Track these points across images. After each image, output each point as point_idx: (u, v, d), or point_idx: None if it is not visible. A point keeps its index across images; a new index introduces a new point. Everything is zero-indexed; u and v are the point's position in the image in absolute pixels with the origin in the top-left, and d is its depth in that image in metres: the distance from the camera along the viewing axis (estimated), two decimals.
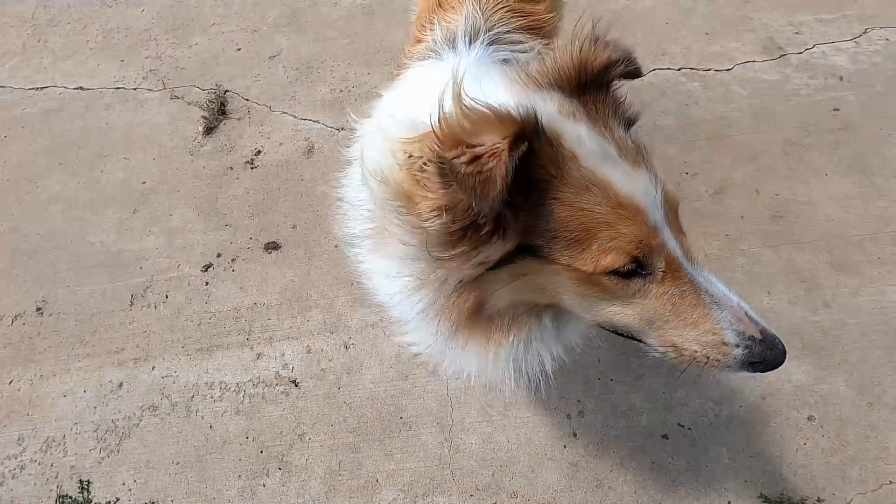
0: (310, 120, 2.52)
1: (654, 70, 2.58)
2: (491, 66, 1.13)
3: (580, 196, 0.87)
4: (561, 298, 0.99)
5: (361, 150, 1.08)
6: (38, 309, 2.06)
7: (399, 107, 1.06)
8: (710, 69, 2.57)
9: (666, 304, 0.93)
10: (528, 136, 0.82)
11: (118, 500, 1.70)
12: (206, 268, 2.13)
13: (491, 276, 0.93)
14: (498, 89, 1.00)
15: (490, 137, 0.79)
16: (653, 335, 0.98)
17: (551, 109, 0.94)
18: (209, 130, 2.51)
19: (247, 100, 2.61)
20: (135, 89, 2.69)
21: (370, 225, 1.14)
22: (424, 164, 0.85)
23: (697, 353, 0.95)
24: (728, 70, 2.56)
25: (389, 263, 1.06)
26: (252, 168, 2.39)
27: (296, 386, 1.86)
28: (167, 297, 2.07)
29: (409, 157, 0.90)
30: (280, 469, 1.71)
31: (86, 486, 1.72)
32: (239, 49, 2.81)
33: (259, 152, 2.43)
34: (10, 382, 1.91)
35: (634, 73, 1.03)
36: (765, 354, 0.95)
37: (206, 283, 2.09)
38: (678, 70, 2.58)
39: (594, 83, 0.98)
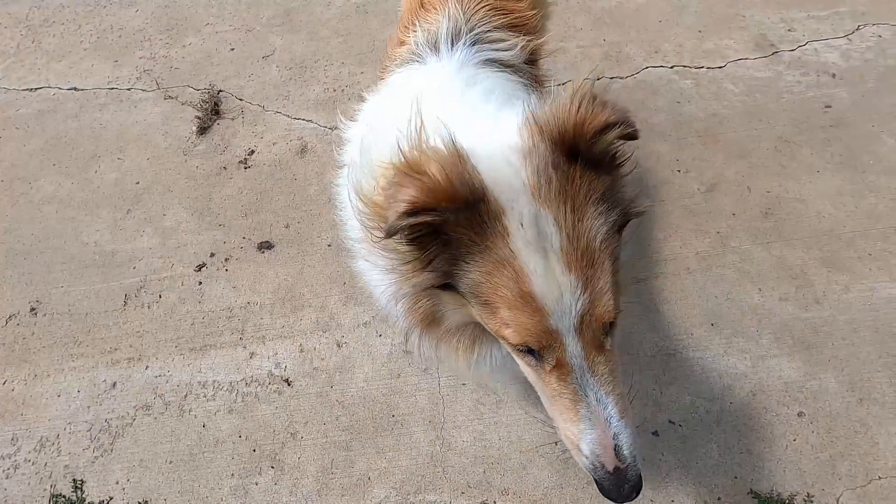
0: (303, 119, 2.53)
1: (646, 68, 2.58)
2: (473, 66, 1.14)
3: (495, 269, 0.88)
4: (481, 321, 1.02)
5: (351, 165, 1.11)
6: (32, 309, 2.07)
7: (382, 123, 1.07)
8: (702, 67, 2.58)
9: (548, 390, 0.99)
10: (441, 208, 0.84)
11: (111, 498, 1.71)
12: (200, 267, 2.13)
13: (442, 297, 0.99)
14: (511, 126, 0.96)
15: (410, 190, 0.83)
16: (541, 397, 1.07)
17: (518, 178, 0.89)
18: (203, 130, 2.51)
19: (240, 99, 2.61)
20: (129, 89, 2.69)
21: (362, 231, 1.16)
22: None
23: (562, 437, 1.02)
24: (720, 68, 2.57)
25: (375, 271, 1.11)
26: (245, 168, 2.39)
27: (288, 385, 1.86)
28: (160, 296, 2.07)
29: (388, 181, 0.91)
30: (273, 467, 1.72)
31: (79, 486, 1.73)
32: (233, 49, 2.82)
33: (252, 152, 2.44)
34: (4, 382, 1.92)
35: (630, 137, 0.95)
36: (604, 484, 0.98)
37: (200, 283, 2.10)
38: (671, 68, 2.58)
39: (590, 156, 0.91)
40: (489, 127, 0.99)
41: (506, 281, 0.88)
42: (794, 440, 1.68)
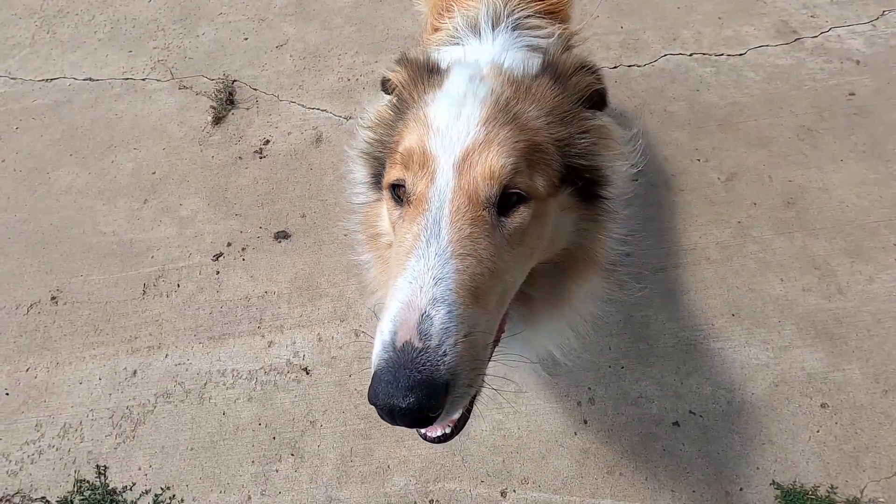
0: (318, 109, 2.52)
1: (664, 56, 2.54)
2: (516, 50, 1.14)
3: (415, 116, 0.91)
4: (392, 233, 0.97)
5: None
6: (53, 298, 2.09)
7: None
8: (722, 54, 2.53)
9: (395, 241, 0.80)
10: (410, 68, 1.00)
11: (134, 484, 1.73)
12: (217, 257, 2.14)
13: (382, 205, 0.99)
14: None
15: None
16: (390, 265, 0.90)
17: (478, 66, 1.00)
18: (218, 120, 2.51)
19: (255, 89, 2.61)
20: (143, 80, 2.69)
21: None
22: None
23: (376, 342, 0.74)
24: (741, 55, 2.52)
25: (359, 188, 1.17)
26: (261, 157, 2.39)
27: (307, 373, 1.87)
28: (179, 285, 2.08)
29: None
30: (293, 455, 1.73)
31: (103, 471, 1.75)
32: (246, 38, 2.81)
33: (267, 142, 2.43)
34: (28, 370, 1.94)
35: (601, 97, 1.01)
36: (380, 370, 0.66)
37: (217, 272, 2.10)
38: (690, 55, 2.54)
39: (559, 74, 0.96)
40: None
41: (416, 117, 0.89)
42: (818, 431, 1.66)
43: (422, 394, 0.64)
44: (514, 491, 1.64)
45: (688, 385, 1.76)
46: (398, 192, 0.87)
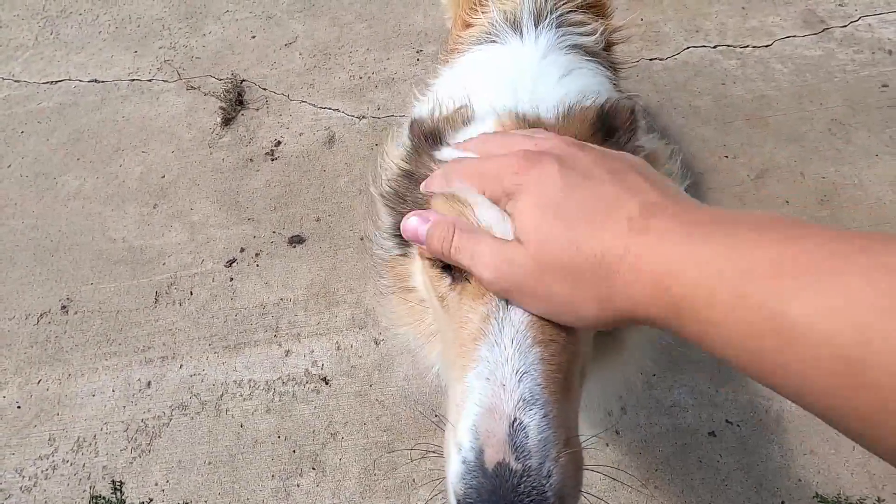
0: (329, 108, 2.44)
1: (687, 48, 2.46)
2: (561, 53, 1.03)
3: None
4: (426, 295, 0.82)
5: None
6: (63, 307, 2.03)
7: (453, 94, 0.98)
8: (747, 46, 2.44)
9: (452, 320, 0.64)
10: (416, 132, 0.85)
11: (151, 500, 1.68)
12: (230, 263, 2.08)
13: (414, 262, 0.83)
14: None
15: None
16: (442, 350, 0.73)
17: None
18: (227, 121, 2.44)
19: (264, 89, 2.53)
20: (150, 80, 2.63)
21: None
22: None
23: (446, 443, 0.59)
24: (767, 46, 2.43)
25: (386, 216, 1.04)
26: (272, 160, 2.32)
27: (326, 384, 1.81)
28: (192, 293, 2.02)
29: None
30: (314, 469, 1.68)
31: (119, 487, 1.70)
32: (254, 37, 2.73)
33: (279, 143, 2.37)
34: (39, 382, 1.89)
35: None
36: (473, 497, 0.52)
37: (231, 279, 2.04)
38: (713, 47, 2.45)
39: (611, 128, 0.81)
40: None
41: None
42: None
43: None
44: None
45: (723, 393, 1.69)
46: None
